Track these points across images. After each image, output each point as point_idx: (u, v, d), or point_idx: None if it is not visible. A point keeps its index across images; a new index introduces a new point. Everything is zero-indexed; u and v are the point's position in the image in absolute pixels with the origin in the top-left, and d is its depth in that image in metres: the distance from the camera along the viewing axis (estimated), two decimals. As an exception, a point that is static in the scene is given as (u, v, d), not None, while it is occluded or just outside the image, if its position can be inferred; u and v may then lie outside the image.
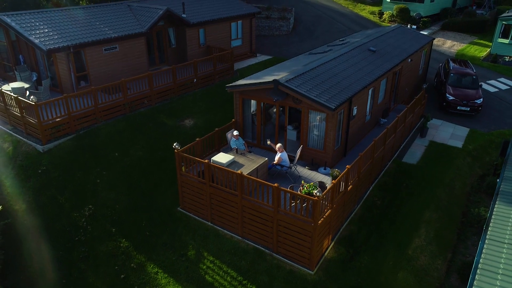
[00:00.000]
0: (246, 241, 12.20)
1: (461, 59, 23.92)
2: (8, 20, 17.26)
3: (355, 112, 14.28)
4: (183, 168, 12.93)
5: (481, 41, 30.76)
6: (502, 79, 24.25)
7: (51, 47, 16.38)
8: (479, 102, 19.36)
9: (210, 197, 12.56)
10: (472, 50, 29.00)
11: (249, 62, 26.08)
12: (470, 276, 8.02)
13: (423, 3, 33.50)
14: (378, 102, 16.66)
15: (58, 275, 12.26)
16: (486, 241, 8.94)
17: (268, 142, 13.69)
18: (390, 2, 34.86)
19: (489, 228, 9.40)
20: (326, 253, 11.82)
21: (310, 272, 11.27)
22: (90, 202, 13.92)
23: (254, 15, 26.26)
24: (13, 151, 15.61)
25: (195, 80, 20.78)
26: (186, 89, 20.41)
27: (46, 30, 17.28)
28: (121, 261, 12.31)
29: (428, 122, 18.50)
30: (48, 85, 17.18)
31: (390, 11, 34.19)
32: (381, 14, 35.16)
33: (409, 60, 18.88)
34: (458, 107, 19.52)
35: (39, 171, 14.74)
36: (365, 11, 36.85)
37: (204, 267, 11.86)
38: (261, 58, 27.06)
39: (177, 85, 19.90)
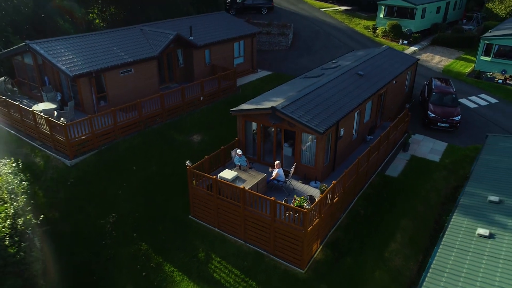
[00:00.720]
0: (248, 245, 14.39)
1: (443, 77, 26.10)
2: (37, 48, 19.49)
3: (342, 133, 16.48)
4: (194, 182, 15.14)
5: (467, 56, 32.89)
6: (482, 95, 26.40)
7: (77, 73, 18.61)
8: (457, 119, 21.53)
9: (217, 207, 14.77)
10: (458, 66, 31.16)
11: (251, 78, 28.29)
12: (423, 274, 10.21)
13: (414, 19, 35.70)
14: (365, 122, 18.85)
15: (89, 274, 14.47)
16: (440, 246, 11.13)
17: (276, 166, 15.50)
18: (383, 18, 37.05)
19: (445, 235, 11.59)
20: (315, 255, 14.00)
21: (301, 271, 13.46)
22: (113, 210, 16.14)
23: (255, 35, 28.48)
24: (44, 165, 17.84)
25: (201, 98, 23.01)
26: (193, 107, 22.63)
27: (71, 57, 19.51)
28: (142, 261, 14.52)
29: (411, 138, 20.72)
30: (73, 106, 19.41)
31: (383, 27, 36.38)
32: (375, 29, 37.33)
33: (394, 82, 21.06)
34: (438, 124, 21.69)
35: (68, 183, 16.96)
36: (360, 25, 39.03)
37: (212, 266, 14.06)
38: (262, 73, 29.28)
39: (186, 103, 22.13)
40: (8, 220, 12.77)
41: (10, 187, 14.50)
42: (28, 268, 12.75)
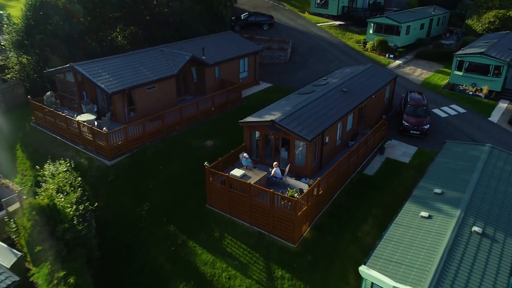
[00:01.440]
0: (252, 227, 18.67)
1: (418, 91, 30.26)
2: (80, 69, 23.84)
3: (327, 140, 20.76)
4: (210, 178, 19.44)
5: (445, 70, 37.06)
6: (453, 106, 30.64)
7: (113, 90, 22.92)
8: (426, 127, 25.79)
9: (228, 198, 19.05)
10: (436, 79, 35.42)
11: (254, 89, 32.59)
12: (376, 243, 14.48)
13: (399, 35, 39.94)
14: (347, 130, 23.13)
15: (130, 251, 18.77)
16: (392, 224, 15.40)
17: (274, 166, 19.77)
18: (372, 33, 41.31)
19: (396, 217, 15.86)
20: (304, 234, 18.27)
21: (293, 246, 17.72)
22: (147, 201, 20.46)
23: (257, 52, 32.79)
24: (88, 165, 22.17)
25: (212, 108, 27.32)
26: (206, 116, 26.94)
27: (107, 76, 23.83)
28: (171, 240, 18.82)
29: (387, 143, 25.01)
30: (109, 117, 23.74)
31: (372, 42, 40.62)
32: (365, 43, 41.54)
33: (374, 96, 25.33)
34: (411, 131, 25.95)
35: (109, 179, 21.28)
36: (352, 40, 43.28)
37: (225, 243, 18.35)
38: (263, 85, 33.57)
39: (200, 113, 26.45)
40: (74, 206, 17.13)
41: (69, 182, 18.88)
42: (89, 242, 17.09)
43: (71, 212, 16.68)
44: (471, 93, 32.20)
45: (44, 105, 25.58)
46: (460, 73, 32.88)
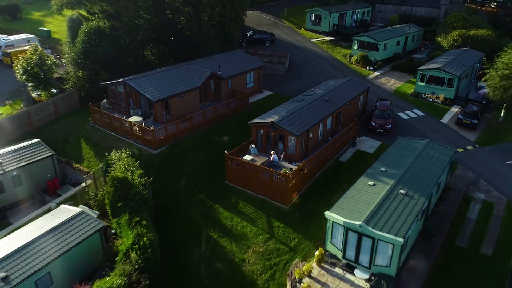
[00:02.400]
0: (258, 195, 27.03)
1: (385, 98, 38.53)
2: (130, 82, 32.25)
3: (311, 135, 29.12)
4: (229, 162, 27.82)
5: (414, 80, 45.23)
6: (415, 110, 38.93)
7: (156, 99, 31.33)
8: (389, 127, 34.10)
9: (241, 175, 27.42)
10: (405, 88, 43.72)
11: (258, 97, 40.93)
12: (339, 199, 22.84)
13: (378, 51, 48.25)
14: (327, 129, 31.48)
15: (172, 216, 27.14)
16: (349, 190, 23.77)
17: (272, 154, 28.25)
18: (356, 49, 49.64)
19: (353, 185, 24.24)
20: (293, 200, 26.63)
21: (286, 207, 26.09)
22: (183, 178, 28.89)
23: (261, 67, 41.16)
24: (139, 153, 30.60)
25: (226, 112, 35.73)
26: (221, 118, 35.32)
27: (150, 88, 32.22)
28: (201, 204, 27.23)
29: (358, 138, 33.34)
30: (152, 119, 32.19)
31: (356, 56, 48.95)
32: (350, 57, 49.89)
33: (349, 103, 33.67)
34: (377, 130, 34.27)
35: (155, 163, 29.68)
36: (340, 54, 51.62)
37: (239, 206, 26.73)
38: (266, 93, 41.91)
39: (217, 116, 34.86)
40: (139, 179, 25.59)
41: (131, 164, 27.32)
42: (149, 203, 25.53)
43: (137, 183, 25.13)
44: (431, 100, 40.54)
45: (101, 109, 34.03)
46: (423, 84, 41.20)
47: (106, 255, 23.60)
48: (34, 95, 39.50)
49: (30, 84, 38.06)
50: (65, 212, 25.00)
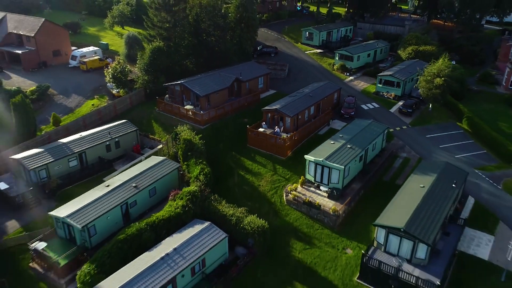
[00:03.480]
0: (267, 152, 45.16)
1: (352, 95, 56.54)
2: (185, 84, 50.49)
3: (300, 117, 47.30)
4: (249, 132, 46.03)
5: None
6: (373, 103, 56.90)
7: (202, 94, 49.51)
8: (352, 113, 52.12)
9: (257, 140, 45.60)
10: (370, 88, 61.70)
11: (266, 94, 59.00)
12: (312, 151, 40.95)
13: (353, 61, 66.24)
14: (311, 114, 49.62)
15: (217, 162, 45.24)
16: (319, 145, 41.89)
17: (276, 128, 46.39)
18: (337, 59, 67.68)
19: (322, 143, 42.34)
20: (289, 154, 44.76)
21: (284, 158, 44.26)
22: (220, 143, 47.05)
23: (268, 74, 59.34)
24: (192, 128, 48.72)
25: (245, 104, 53.91)
26: (242, 108, 53.43)
27: (197, 87, 50.43)
28: (233, 156, 45.36)
29: (332, 121, 51.42)
30: (199, 107, 50.40)
31: (337, 65, 66.97)
32: (333, 65, 67.91)
33: (325, 98, 51.76)
34: (344, 115, 52.30)
35: (202, 135, 47.84)
36: (326, 63, 69.66)
37: (256, 158, 44.86)
38: (271, 92, 59.97)
39: (239, 106, 53.02)
40: (201, 146, 43.81)
41: (190, 134, 45.55)
42: (204, 153, 43.73)
43: (197, 142, 43.33)
44: (386, 96, 58.52)
45: (166, 100, 52.31)
46: (381, 85, 59.19)
47: (180, 182, 41.78)
48: (114, 91, 57.82)
49: (114, 84, 56.37)
50: (154, 160, 43.13)
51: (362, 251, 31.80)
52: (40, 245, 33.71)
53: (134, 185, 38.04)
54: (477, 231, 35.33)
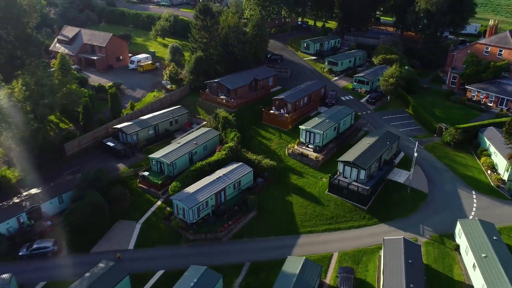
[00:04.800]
0: (276, 126, 69.64)
1: (334, 90, 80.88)
2: (220, 81, 75.11)
3: (297, 103, 71.78)
4: (264, 113, 70.55)
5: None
6: (350, 96, 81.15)
7: (232, 88, 74.12)
8: (333, 102, 76.48)
9: (269, 118, 70.12)
10: (349, 86, 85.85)
11: (274, 89, 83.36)
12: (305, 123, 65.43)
13: (337, 66, 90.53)
14: (305, 102, 74.04)
15: (243, 132, 69.73)
16: (308, 121, 66.32)
17: (281, 110, 70.76)
18: (327, 65, 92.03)
19: (310, 120, 66.83)
20: (290, 127, 69.22)
21: (286, 129, 68.78)
22: (245, 120, 71.69)
23: (276, 75, 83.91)
24: (225, 111, 73.23)
25: (261, 95, 78.47)
26: (258, 99, 77.98)
27: (228, 83, 75.02)
28: (253, 129, 69.87)
29: (318, 108, 75.89)
30: (229, 97, 74.99)
31: (326, 68, 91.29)
32: (323, 69, 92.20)
33: (315, 91, 76.17)
34: (328, 104, 76.60)
35: (233, 114, 72.25)
36: (319, 67, 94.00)
37: (268, 129, 69.36)
38: (278, 87, 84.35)
39: (256, 97, 77.67)
40: (233, 121, 68.52)
41: (226, 113, 70.24)
42: (235, 126, 68.36)
43: (231, 119, 67.92)
44: (359, 91, 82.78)
45: (206, 93, 76.98)
46: (356, 83, 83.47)
47: (220, 143, 66.30)
48: (168, 86, 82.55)
49: (168, 81, 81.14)
50: (204, 129, 67.69)
51: (329, 175, 56.24)
52: (145, 173, 58.40)
53: (195, 142, 62.57)
54: (400, 169, 59.61)
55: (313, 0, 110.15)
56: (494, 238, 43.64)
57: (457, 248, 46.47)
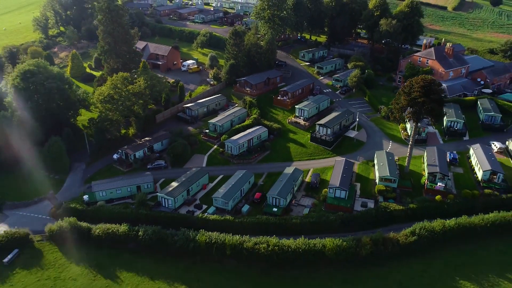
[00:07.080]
0: (281, 107, 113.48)
1: (322, 85, 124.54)
2: (246, 79, 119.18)
3: (295, 93, 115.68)
4: (274, 99, 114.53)
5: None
6: (329, 90, 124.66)
7: (254, 83, 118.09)
8: (318, 92, 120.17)
9: (277, 102, 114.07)
10: (329, 82, 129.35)
11: (280, 85, 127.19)
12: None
13: (323, 69, 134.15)
14: (299, 92, 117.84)
15: (261, 109, 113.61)
16: (299, 103, 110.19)
17: (284, 97, 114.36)
18: (316, 69, 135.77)
19: (302, 102, 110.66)
20: (289, 107, 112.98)
21: (288, 108, 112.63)
22: (261, 103, 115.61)
23: (281, 75, 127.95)
24: (250, 98, 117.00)
25: (271, 89, 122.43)
26: (270, 90, 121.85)
27: (251, 80, 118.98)
28: (268, 108, 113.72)
29: (308, 96, 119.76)
30: (252, 88, 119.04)
31: (316, 71, 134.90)
32: (314, 71, 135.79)
33: (306, 86, 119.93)
34: (314, 94, 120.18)
35: (255, 99, 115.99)
36: (311, 70, 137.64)
37: (277, 109, 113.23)
38: (283, 83, 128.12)
39: (269, 90, 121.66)
40: (255, 102, 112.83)
41: (251, 99, 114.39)
42: (256, 106, 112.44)
43: (254, 102, 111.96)
44: (336, 86, 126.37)
45: (237, 87, 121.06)
46: (334, 81, 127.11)
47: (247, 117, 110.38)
48: (211, 82, 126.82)
49: (212, 79, 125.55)
50: (237, 108, 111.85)
51: (311, 132, 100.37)
52: (206, 131, 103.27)
53: (233, 115, 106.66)
54: (353, 131, 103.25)
55: (308, 21, 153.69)
56: (390, 158, 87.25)
57: (373, 165, 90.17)
